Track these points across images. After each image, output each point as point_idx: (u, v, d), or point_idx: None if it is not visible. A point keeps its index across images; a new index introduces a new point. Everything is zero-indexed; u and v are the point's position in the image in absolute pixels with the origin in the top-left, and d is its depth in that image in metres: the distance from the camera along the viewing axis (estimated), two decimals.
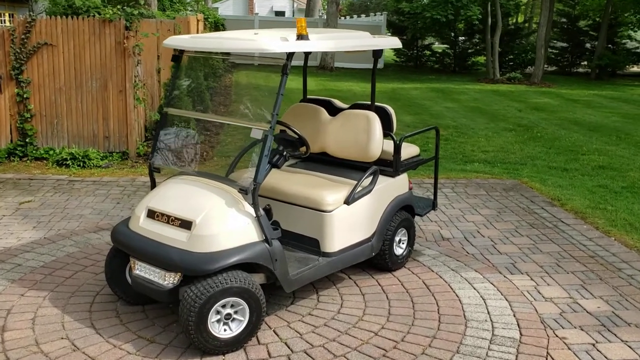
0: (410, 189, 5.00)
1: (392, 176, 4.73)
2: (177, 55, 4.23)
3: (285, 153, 4.04)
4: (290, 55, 3.67)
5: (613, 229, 5.99)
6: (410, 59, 25.98)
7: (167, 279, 3.62)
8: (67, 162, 7.84)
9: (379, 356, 3.64)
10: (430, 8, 20.86)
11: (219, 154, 8.81)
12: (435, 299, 4.41)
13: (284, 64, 3.64)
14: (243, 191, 3.69)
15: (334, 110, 5.01)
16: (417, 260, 5.07)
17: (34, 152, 8.14)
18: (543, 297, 4.50)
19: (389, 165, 4.76)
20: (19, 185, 6.94)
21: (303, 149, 4.25)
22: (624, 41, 25.34)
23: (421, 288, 4.58)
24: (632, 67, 26.09)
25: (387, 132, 4.79)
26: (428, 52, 25.98)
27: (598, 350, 3.77)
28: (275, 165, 4.00)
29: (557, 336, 3.92)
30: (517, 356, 3.67)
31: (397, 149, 4.68)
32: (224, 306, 3.53)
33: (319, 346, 3.73)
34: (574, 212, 6.52)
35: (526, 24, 29.74)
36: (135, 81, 8.23)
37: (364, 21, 27.23)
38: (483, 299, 4.41)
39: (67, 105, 8.22)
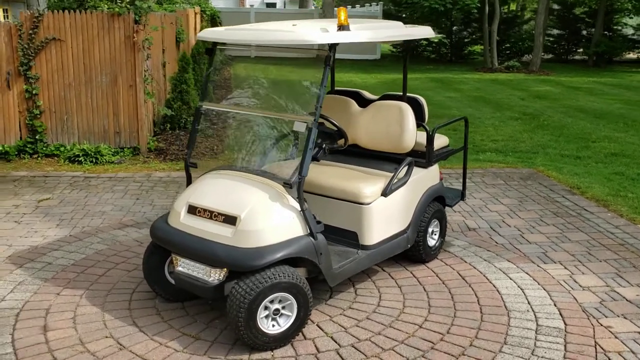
0: (441, 179, 4.97)
1: (425, 167, 4.69)
2: (211, 48, 4.16)
3: (324, 146, 3.99)
4: (333, 47, 3.62)
5: (638, 216, 5.99)
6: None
7: (213, 276, 3.57)
8: (80, 159, 7.74)
9: (427, 349, 3.61)
10: None
11: (229, 147, 8.76)
12: (472, 289, 4.39)
13: (326, 56, 3.59)
14: (287, 185, 3.64)
15: (363, 102, 4.96)
16: (448, 252, 5.04)
17: (44, 149, 8.03)
18: (580, 286, 4.49)
19: (420, 156, 4.72)
20: (34, 183, 6.84)
21: (341, 141, 4.20)
22: (619, 28, 25.37)
23: (457, 279, 4.56)
24: (629, 53, 26.15)
25: (419, 122, 4.75)
26: (424, 42, 25.88)
27: None
28: (315, 158, 3.96)
29: (601, 325, 3.91)
30: (565, 346, 3.65)
31: (430, 139, 4.65)
32: (272, 301, 3.49)
33: (366, 340, 3.69)
34: (595, 200, 6.52)
35: (519, 12, 29.68)
36: (145, 75, 8.14)
37: (360, 11, 27.05)
38: (521, 289, 4.39)
39: (76, 100, 8.10)
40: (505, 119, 11.60)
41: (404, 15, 23.35)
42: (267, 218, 3.57)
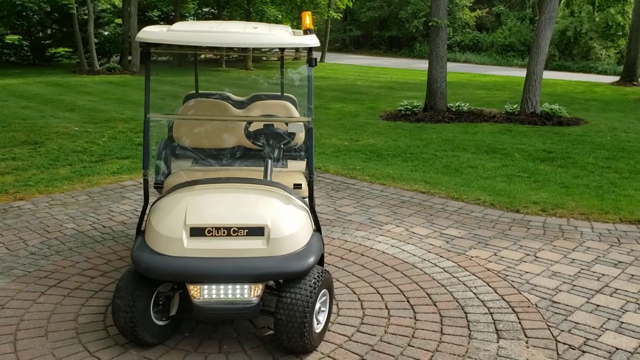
0: None
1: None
2: (146, 51, 3.64)
3: (281, 146, 4.03)
4: (312, 50, 3.75)
5: (384, 181, 7.50)
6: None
7: (253, 293, 3.33)
8: None
9: (439, 319, 4.17)
10: None
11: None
12: (380, 262, 4.89)
13: (311, 58, 3.70)
14: (298, 186, 3.63)
15: (234, 104, 4.95)
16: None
17: None
18: (422, 235, 5.60)
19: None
20: None
21: (297, 138, 4.27)
22: None
23: (355, 254, 5.03)
24: None
25: None
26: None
27: (504, 256, 5.10)
28: (277, 159, 3.98)
29: (472, 257, 5.09)
30: (476, 275, 4.69)
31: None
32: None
33: (377, 338, 3.74)
34: (342, 175, 7.78)
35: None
36: None
37: None
38: (400, 249, 5.24)
39: None
40: None
41: None
42: (292, 221, 3.51)
